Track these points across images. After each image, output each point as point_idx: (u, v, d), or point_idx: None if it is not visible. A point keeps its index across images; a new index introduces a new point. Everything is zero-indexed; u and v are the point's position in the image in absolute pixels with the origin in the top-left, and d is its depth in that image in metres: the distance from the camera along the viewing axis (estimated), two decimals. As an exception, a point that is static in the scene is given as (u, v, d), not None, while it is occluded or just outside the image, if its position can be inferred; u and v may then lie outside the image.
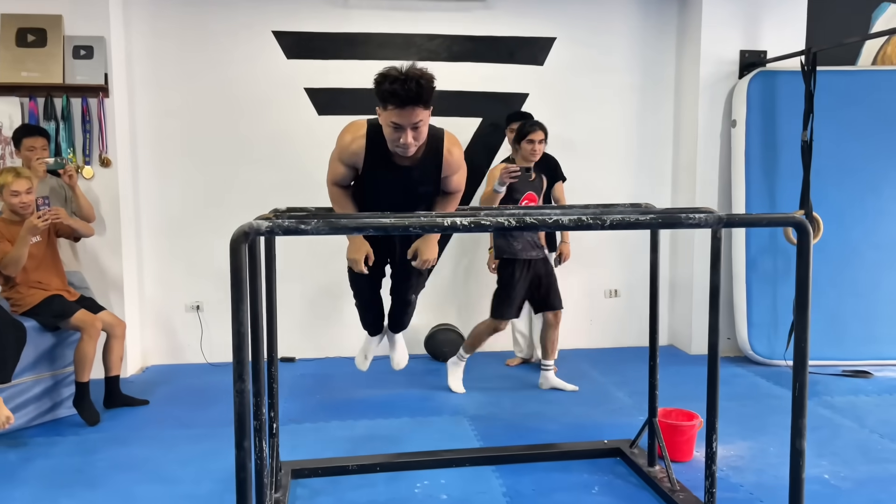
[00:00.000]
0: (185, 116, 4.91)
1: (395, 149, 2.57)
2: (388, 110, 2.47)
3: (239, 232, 1.78)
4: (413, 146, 2.54)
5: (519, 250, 4.13)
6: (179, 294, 5.05)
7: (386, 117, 2.50)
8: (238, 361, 1.84)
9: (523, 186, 4.12)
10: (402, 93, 2.38)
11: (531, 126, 4.13)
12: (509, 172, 3.81)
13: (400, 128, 2.47)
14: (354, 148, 2.67)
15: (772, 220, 1.99)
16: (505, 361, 5.01)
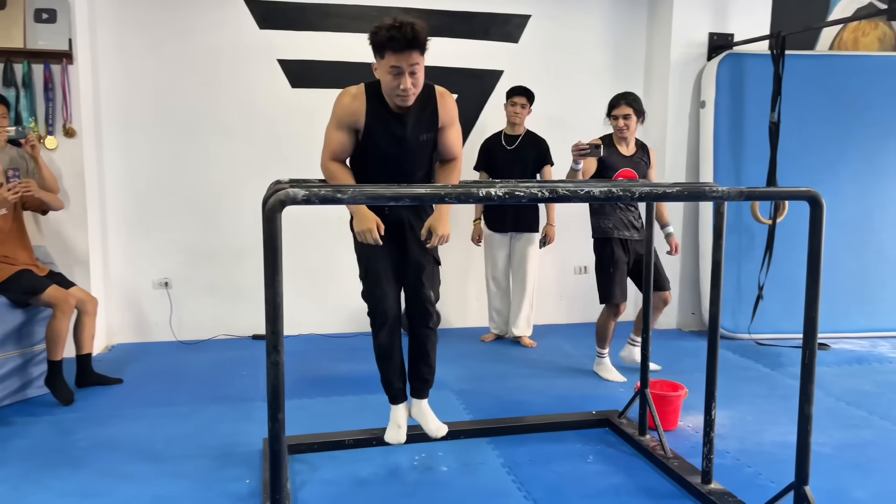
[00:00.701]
0: (152, 85, 4.74)
1: (394, 97, 2.59)
2: (387, 57, 2.51)
3: (275, 200, 1.74)
4: (412, 92, 2.57)
5: (610, 228, 3.99)
6: (146, 270, 4.89)
7: (384, 65, 2.53)
8: (273, 332, 1.81)
9: (617, 163, 3.95)
10: (400, 36, 2.45)
11: (615, 99, 3.96)
12: (578, 149, 3.55)
13: (399, 72, 2.51)
14: (356, 106, 2.66)
15: (789, 194, 2.06)
16: (480, 337, 5.05)
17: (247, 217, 4.96)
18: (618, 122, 3.93)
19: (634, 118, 3.92)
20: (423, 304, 2.86)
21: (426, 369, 2.96)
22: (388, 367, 2.91)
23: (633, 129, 3.96)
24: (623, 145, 4.02)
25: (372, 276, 2.78)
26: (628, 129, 3.93)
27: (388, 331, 2.83)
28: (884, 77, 5.17)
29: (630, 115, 3.91)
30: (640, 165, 4.01)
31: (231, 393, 3.90)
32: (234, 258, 4.98)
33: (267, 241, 1.76)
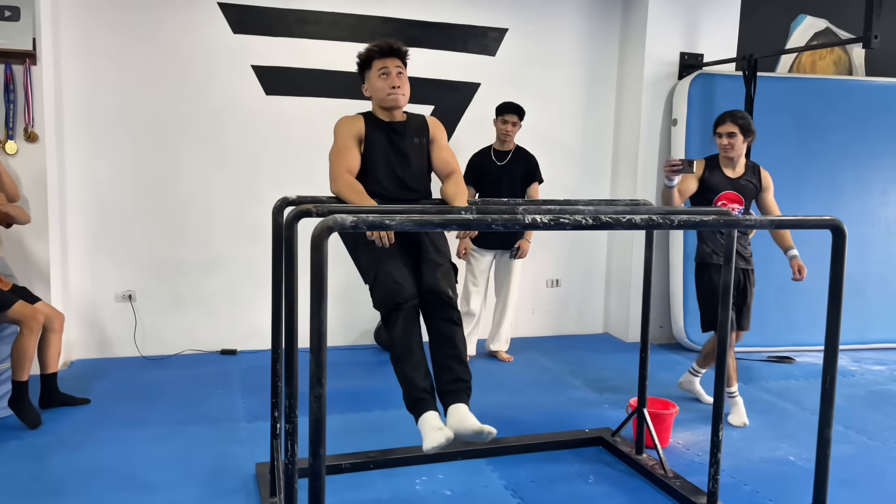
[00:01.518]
0: (118, 89, 4.52)
1: (387, 98, 2.82)
2: (373, 65, 2.82)
3: (323, 226, 1.66)
4: (402, 93, 2.83)
5: (708, 254, 3.76)
6: (109, 283, 4.66)
7: (373, 72, 2.83)
8: (317, 364, 1.73)
9: (720, 185, 3.71)
10: (383, 45, 2.82)
11: (720, 117, 3.72)
12: (669, 166, 3.39)
13: (387, 72, 2.79)
14: (356, 123, 2.88)
15: (813, 223, 2.10)
16: None
17: (216, 227, 4.79)
18: (721, 141, 3.68)
19: (740, 137, 3.65)
20: (443, 298, 2.59)
21: (460, 367, 2.51)
22: (409, 363, 2.45)
23: (739, 149, 3.68)
24: (729, 167, 3.74)
25: (383, 274, 2.59)
26: (732, 148, 3.66)
27: (404, 320, 2.49)
28: (842, 100, 5.39)
29: (735, 133, 3.65)
30: (748, 189, 3.74)
31: (208, 412, 3.74)
32: (202, 270, 4.80)
33: (314, 269, 1.68)
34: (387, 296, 2.54)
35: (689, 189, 3.71)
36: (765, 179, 3.80)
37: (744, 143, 3.71)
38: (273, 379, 2.75)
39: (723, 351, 2.72)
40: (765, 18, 5.64)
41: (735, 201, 3.71)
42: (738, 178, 3.74)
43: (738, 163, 3.75)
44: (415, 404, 2.43)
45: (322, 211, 2.22)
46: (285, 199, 2.59)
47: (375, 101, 2.88)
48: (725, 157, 3.72)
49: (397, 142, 2.86)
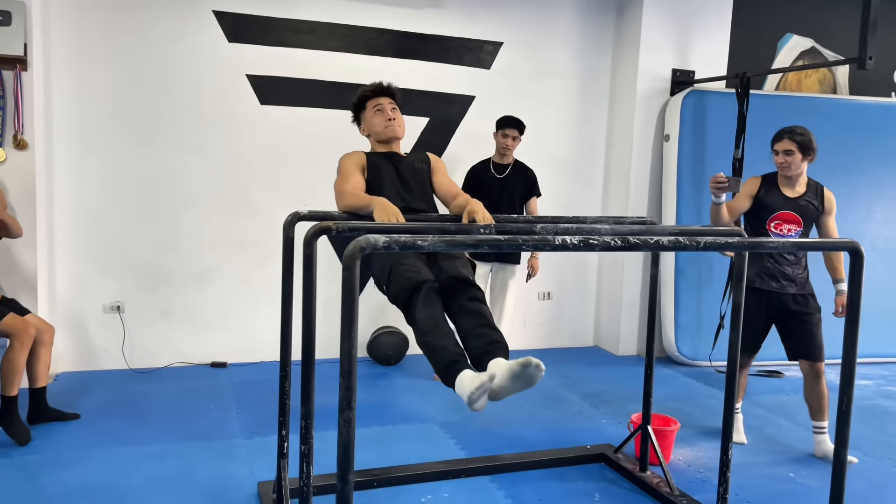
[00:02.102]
0: (110, 96, 4.44)
1: (385, 130, 2.93)
2: (368, 105, 2.96)
3: (355, 247, 1.63)
4: (398, 124, 2.94)
5: (752, 277, 3.54)
6: (96, 293, 4.56)
7: (369, 111, 2.96)
8: (347, 388, 1.69)
9: (776, 204, 3.54)
10: (376, 85, 2.98)
11: (778, 134, 3.56)
12: (716, 182, 3.31)
13: (381, 108, 2.92)
14: (357, 156, 2.92)
15: (834, 245, 2.11)
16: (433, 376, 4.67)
17: (207, 238, 4.72)
18: (777, 158, 3.52)
19: (799, 155, 3.48)
20: (464, 281, 2.46)
21: (493, 332, 2.30)
22: (436, 333, 2.26)
23: (798, 167, 3.50)
24: (787, 185, 3.56)
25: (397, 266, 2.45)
26: (789, 166, 3.49)
27: (425, 299, 2.32)
28: (828, 118, 5.47)
29: (792, 150, 3.48)
30: (808, 210, 3.53)
31: (203, 429, 3.66)
32: (191, 281, 4.72)
33: (347, 290, 1.65)
34: (404, 282, 2.39)
35: (741, 207, 3.58)
36: (827, 201, 3.58)
37: (803, 162, 3.51)
38: (281, 397, 2.71)
39: (732, 369, 2.73)
40: (753, 37, 5.72)
41: (792, 222, 3.53)
42: (796, 197, 3.54)
43: (797, 182, 3.56)
44: (448, 368, 2.16)
45: (342, 228, 2.18)
46: (296, 214, 2.55)
47: (374, 136, 2.97)
48: (783, 175, 3.56)
49: (398, 166, 2.91)
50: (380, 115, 2.92)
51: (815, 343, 3.55)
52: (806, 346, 3.56)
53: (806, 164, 3.54)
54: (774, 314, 3.61)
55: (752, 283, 3.55)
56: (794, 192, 3.56)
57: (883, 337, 5.61)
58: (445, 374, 2.18)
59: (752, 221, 3.62)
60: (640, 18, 5.21)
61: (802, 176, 3.58)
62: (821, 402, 3.62)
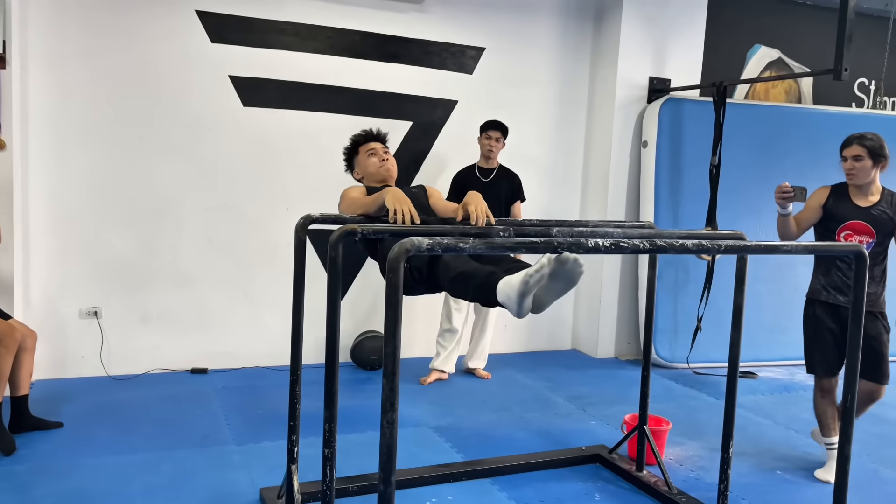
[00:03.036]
0: (90, 96, 4.33)
1: (380, 170, 3.10)
2: (360, 150, 3.15)
3: (400, 249, 1.63)
4: (391, 163, 3.12)
5: (818, 289, 3.41)
6: (73, 298, 4.43)
7: (362, 155, 3.14)
8: (391, 389, 1.69)
9: (847, 213, 3.33)
10: (367, 132, 3.21)
11: (847, 140, 3.35)
12: (781, 192, 3.21)
13: (374, 152, 3.12)
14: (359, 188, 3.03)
15: (840, 250, 2.20)
16: (419, 379, 4.74)
17: (187, 241, 4.64)
18: (845, 165, 3.32)
19: (869, 161, 3.27)
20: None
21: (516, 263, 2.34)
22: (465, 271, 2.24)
23: (868, 175, 3.29)
24: (859, 194, 3.35)
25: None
26: (857, 174, 3.29)
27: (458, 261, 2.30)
28: (798, 127, 5.67)
29: (862, 156, 3.27)
30: (882, 219, 3.31)
31: (194, 436, 3.59)
32: (171, 285, 4.62)
33: (392, 291, 1.65)
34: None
35: (809, 219, 3.42)
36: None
37: (873, 169, 3.30)
38: (291, 401, 2.67)
39: (733, 372, 2.81)
40: (724, 47, 5.89)
41: (864, 232, 3.32)
42: (869, 206, 3.33)
43: (869, 190, 3.35)
44: (488, 278, 2.12)
45: (367, 231, 2.18)
46: (308, 217, 2.53)
47: (367, 178, 3.12)
48: (853, 184, 3.35)
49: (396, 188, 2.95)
50: (373, 157, 3.09)
51: (879, 366, 3.34)
52: (868, 363, 3.25)
53: (877, 172, 3.33)
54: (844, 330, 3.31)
55: (819, 296, 3.41)
56: (866, 201, 3.35)
57: (847, 338, 5.82)
58: (483, 289, 2.12)
59: (822, 233, 3.46)
60: (618, 28, 5.32)
61: (875, 184, 3.36)
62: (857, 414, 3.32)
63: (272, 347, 4.85)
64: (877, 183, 3.36)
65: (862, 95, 6.63)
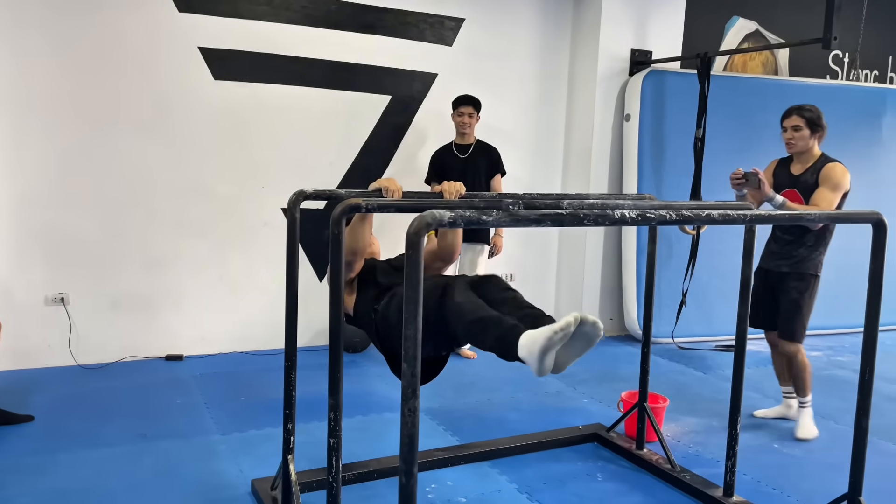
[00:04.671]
0: (50, 69, 4.06)
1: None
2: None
3: (421, 223, 1.49)
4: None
5: (819, 264, 3.56)
6: (38, 284, 4.18)
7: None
8: (412, 374, 1.56)
9: (781, 182, 3.53)
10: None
11: (787, 111, 3.51)
12: (734, 179, 3.34)
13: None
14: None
15: (857, 217, 2.13)
16: None
17: (159, 223, 4.42)
18: (785, 135, 3.49)
19: (806, 131, 3.42)
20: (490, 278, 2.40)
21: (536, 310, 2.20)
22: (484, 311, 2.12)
23: (806, 144, 3.44)
24: (797, 163, 3.52)
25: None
26: (795, 143, 3.45)
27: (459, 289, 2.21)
28: (777, 99, 5.57)
29: (801, 126, 3.42)
30: (806, 186, 3.45)
31: (175, 426, 3.42)
32: (142, 269, 4.41)
33: (412, 268, 1.51)
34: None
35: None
36: (822, 174, 3.42)
37: (811, 138, 3.44)
38: (286, 388, 2.52)
39: (741, 345, 2.75)
40: (704, 19, 5.82)
41: (795, 199, 3.43)
42: (799, 175, 3.49)
43: (807, 159, 3.49)
44: (509, 332, 1.99)
45: (372, 205, 2.03)
46: (302, 193, 2.36)
47: None
48: (793, 153, 3.52)
49: None
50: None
51: (786, 321, 3.56)
52: (779, 319, 3.60)
53: (815, 142, 3.46)
54: (767, 290, 3.64)
55: (819, 271, 3.55)
56: (801, 169, 3.50)
57: (824, 309, 5.84)
58: (503, 342, 2.00)
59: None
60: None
61: (811, 152, 3.48)
62: (793, 376, 3.66)
63: (250, 331, 4.67)
64: (814, 151, 3.49)
65: (836, 68, 6.64)
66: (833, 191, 3.35)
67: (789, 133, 3.47)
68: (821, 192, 3.36)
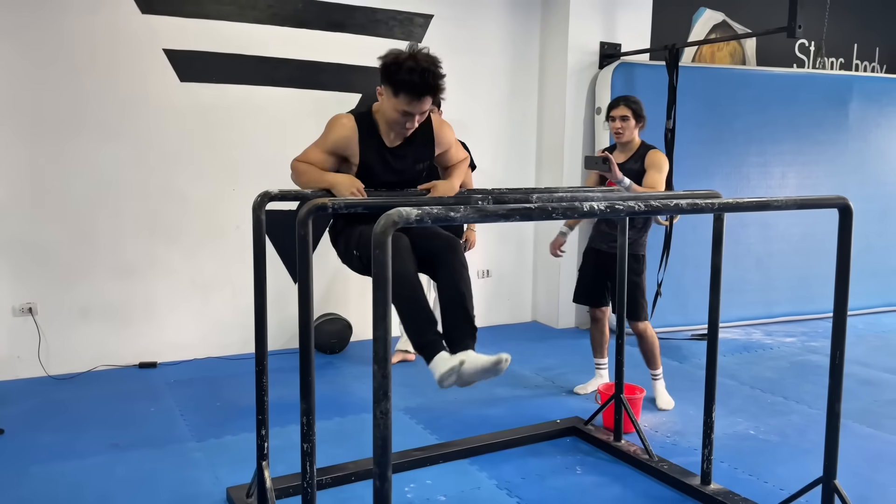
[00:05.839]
0: (10, 75, 3.98)
1: (395, 128, 2.53)
2: (400, 97, 2.40)
3: (388, 222, 1.47)
4: (414, 128, 2.53)
5: (592, 238, 3.94)
6: (4, 295, 4.10)
7: (395, 104, 2.43)
8: (383, 376, 1.54)
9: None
10: (421, 84, 2.35)
11: (614, 101, 3.73)
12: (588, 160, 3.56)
13: (410, 115, 2.44)
14: (346, 132, 2.53)
15: (822, 202, 2.15)
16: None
17: (128, 228, 4.35)
18: (614, 125, 3.69)
19: (633, 121, 3.65)
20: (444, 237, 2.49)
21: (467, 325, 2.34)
22: (414, 306, 2.24)
23: (632, 133, 3.68)
24: (621, 152, 3.74)
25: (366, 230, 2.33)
26: (623, 133, 3.66)
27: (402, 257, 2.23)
28: (746, 89, 5.68)
29: (628, 117, 3.64)
30: (631, 173, 3.61)
31: (149, 434, 3.36)
32: (112, 276, 4.33)
33: (380, 268, 1.49)
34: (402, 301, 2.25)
35: (594, 183, 3.87)
36: (647, 159, 3.63)
37: (635, 128, 3.69)
38: (258, 393, 2.49)
39: (713, 333, 2.77)
40: (671, 11, 5.85)
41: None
42: (623, 162, 3.67)
43: (629, 148, 3.71)
44: (427, 346, 2.24)
45: (338, 205, 2.01)
46: (266, 194, 2.33)
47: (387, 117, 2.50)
48: (619, 142, 3.74)
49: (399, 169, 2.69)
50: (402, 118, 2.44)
51: (633, 304, 3.73)
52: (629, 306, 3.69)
53: (637, 131, 3.71)
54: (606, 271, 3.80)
55: (591, 244, 3.94)
56: (624, 157, 3.72)
57: (797, 295, 5.93)
58: (421, 349, 2.25)
59: None
60: (567, -9, 5.21)
61: (633, 142, 3.71)
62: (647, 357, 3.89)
63: (224, 337, 4.62)
64: (635, 140, 3.72)
65: (803, 56, 6.71)
66: (660, 173, 3.59)
67: (618, 123, 3.67)
68: (652, 176, 3.58)
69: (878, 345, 5.20)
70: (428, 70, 2.34)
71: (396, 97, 2.39)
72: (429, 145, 2.66)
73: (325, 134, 2.55)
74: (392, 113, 2.44)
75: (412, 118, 2.45)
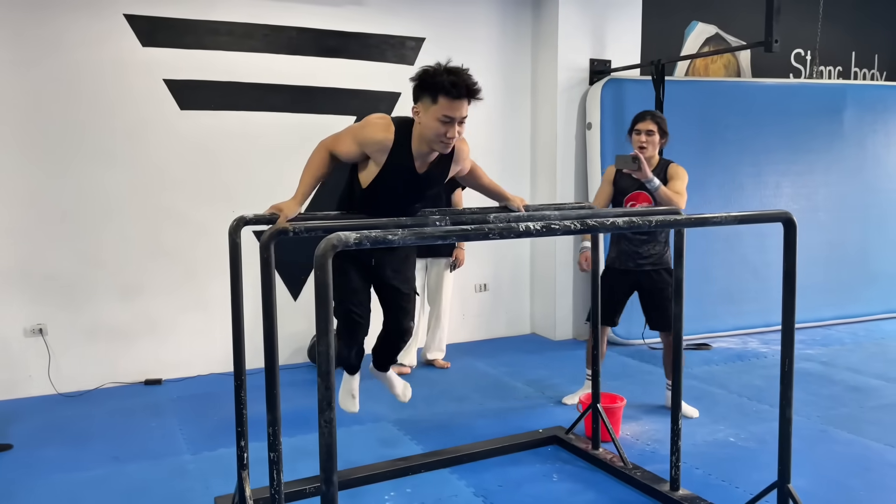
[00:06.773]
0: (19, 107, 4.20)
1: (436, 143, 2.57)
2: (440, 103, 2.47)
3: (327, 245, 1.61)
4: (454, 141, 2.58)
5: (612, 259, 3.90)
6: (16, 316, 4.30)
7: (435, 111, 2.49)
8: (326, 387, 1.67)
9: (627, 185, 3.75)
10: (461, 84, 2.44)
11: (640, 115, 3.76)
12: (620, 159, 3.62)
13: (450, 121, 2.48)
14: (382, 138, 2.60)
15: (766, 217, 2.24)
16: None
17: (131, 250, 4.54)
18: (640, 138, 3.68)
19: (657, 136, 3.68)
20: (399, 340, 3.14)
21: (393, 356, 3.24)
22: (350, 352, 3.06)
23: (655, 148, 3.71)
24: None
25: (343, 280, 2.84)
26: (648, 146, 3.67)
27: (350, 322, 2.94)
28: (738, 101, 5.77)
29: (654, 131, 3.67)
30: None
31: (147, 448, 3.53)
32: (118, 297, 4.52)
33: (320, 288, 1.63)
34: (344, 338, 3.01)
35: (606, 193, 3.86)
36: (669, 172, 3.71)
37: (659, 144, 3.74)
38: (237, 407, 2.64)
39: (678, 342, 2.85)
40: (662, 25, 5.95)
41: (644, 200, 3.71)
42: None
43: (651, 163, 3.71)
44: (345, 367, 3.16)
45: (299, 230, 2.15)
46: (242, 219, 2.49)
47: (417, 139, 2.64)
48: (644, 156, 3.68)
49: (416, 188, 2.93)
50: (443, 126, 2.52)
51: (662, 316, 3.77)
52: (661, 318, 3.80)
53: (659, 146, 3.76)
54: (633, 290, 3.90)
55: (613, 265, 3.89)
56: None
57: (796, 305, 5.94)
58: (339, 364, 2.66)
59: (614, 205, 3.86)
60: (556, 11, 5.34)
61: (654, 157, 3.75)
62: (666, 367, 3.91)
63: (226, 353, 4.75)
64: (655, 155, 3.75)
65: (799, 66, 6.76)
66: (682, 182, 3.68)
67: (644, 137, 3.69)
68: (675, 185, 3.65)
69: (875, 351, 5.22)
70: (463, 72, 2.48)
71: (436, 103, 2.46)
72: (447, 167, 2.81)
73: (362, 128, 2.64)
74: (432, 123, 2.49)
75: (452, 125, 2.49)
